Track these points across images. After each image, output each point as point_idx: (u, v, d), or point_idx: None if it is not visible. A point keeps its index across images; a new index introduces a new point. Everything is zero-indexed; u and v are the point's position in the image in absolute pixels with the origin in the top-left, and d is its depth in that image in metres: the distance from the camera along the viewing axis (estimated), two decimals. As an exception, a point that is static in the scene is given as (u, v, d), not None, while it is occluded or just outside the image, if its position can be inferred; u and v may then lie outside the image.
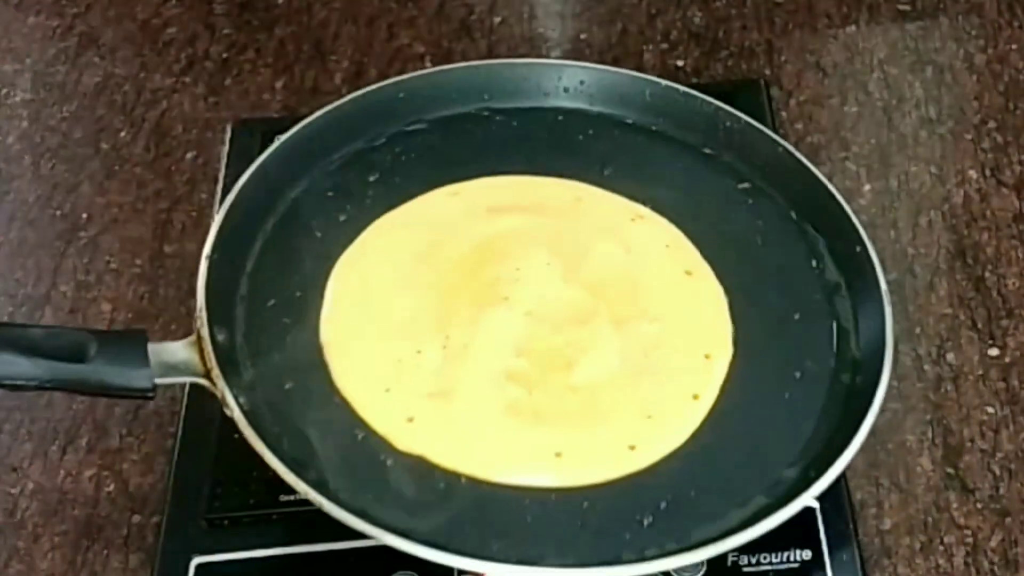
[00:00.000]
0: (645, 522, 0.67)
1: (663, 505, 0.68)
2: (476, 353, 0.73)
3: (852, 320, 0.75)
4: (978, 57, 1.01)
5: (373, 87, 0.86)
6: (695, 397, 0.72)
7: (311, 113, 0.88)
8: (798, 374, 0.73)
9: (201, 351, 0.69)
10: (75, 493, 0.81)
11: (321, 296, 0.76)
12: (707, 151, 0.84)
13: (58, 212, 0.97)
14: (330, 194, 0.81)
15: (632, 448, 0.70)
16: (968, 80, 0.99)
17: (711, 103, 0.84)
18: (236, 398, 0.68)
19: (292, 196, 0.81)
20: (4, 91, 1.05)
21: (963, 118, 0.97)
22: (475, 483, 0.68)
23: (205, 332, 0.70)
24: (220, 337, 0.71)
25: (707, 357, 0.74)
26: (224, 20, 1.09)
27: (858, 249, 0.76)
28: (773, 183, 0.81)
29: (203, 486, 0.76)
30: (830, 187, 0.79)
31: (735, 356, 0.74)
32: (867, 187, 0.93)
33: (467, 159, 0.84)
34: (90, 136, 1.02)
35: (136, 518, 0.79)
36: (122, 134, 1.01)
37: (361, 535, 0.64)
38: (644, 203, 0.81)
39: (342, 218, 0.80)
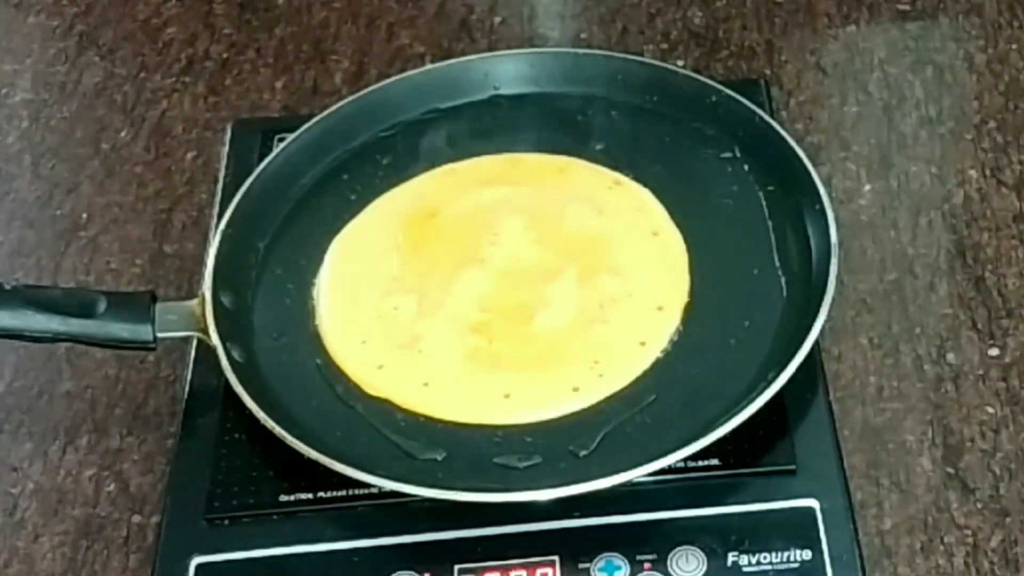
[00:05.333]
0: (581, 454, 0.73)
1: (600, 440, 0.74)
2: (447, 308, 0.80)
3: (804, 274, 0.79)
4: (978, 57, 1.00)
5: (390, 80, 0.93)
6: (642, 344, 0.78)
7: (311, 113, 0.91)
8: (747, 323, 0.78)
9: (203, 311, 0.78)
10: (75, 493, 0.81)
11: (321, 263, 0.84)
12: (695, 125, 0.89)
13: (58, 212, 0.97)
14: (344, 176, 0.89)
15: (576, 390, 0.76)
16: (968, 80, 0.99)
17: (697, 79, 0.91)
18: (229, 351, 0.76)
19: (309, 179, 0.89)
20: (4, 91, 1.05)
21: (963, 118, 0.97)
22: (431, 422, 0.75)
23: (209, 296, 0.78)
24: (226, 300, 0.80)
25: (660, 309, 0.80)
26: (224, 20, 1.09)
27: (816, 207, 0.81)
28: (751, 151, 0.86)
29: (203, 486, 0.76)
30: (798, 150, 0.84)
31: (688, 308, 0.80)
32: (867, 187, 0.93)
33: (470, 141, 0.91)
34: (90, 136, 1.02)
35: (136, 518, 0.79)
36: (122, 134, 1.01)
37: (362, 535, 0.64)
38: (625, 173, 0.87)
39: (352, 197, 0.88)
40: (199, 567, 0.73)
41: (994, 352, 0.84)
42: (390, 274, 0.83)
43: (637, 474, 0.70)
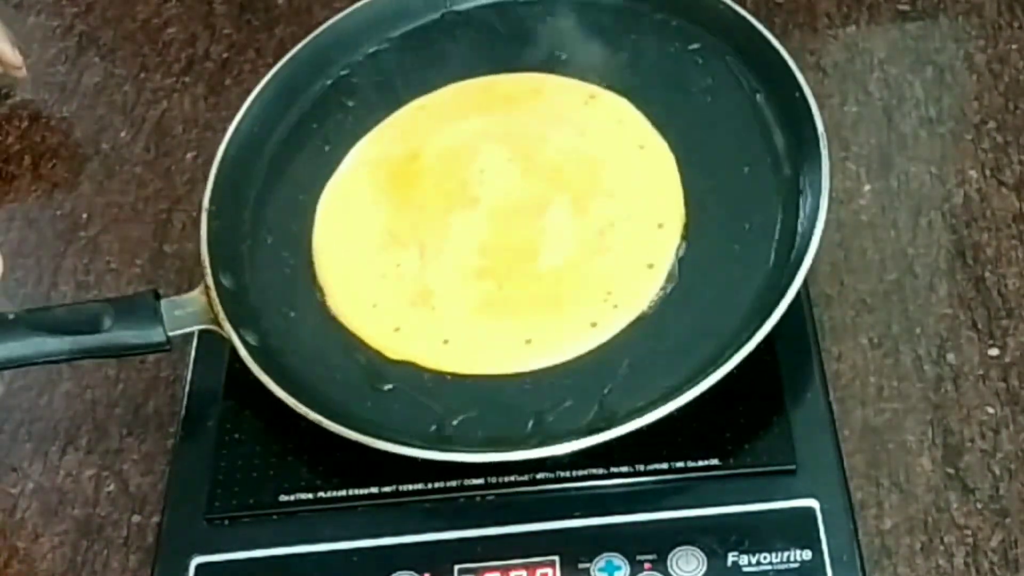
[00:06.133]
0: (607, 390, 0.73)
1: (622, 373, 0.73)
2: (448, 258, 0.79)
3: (794, 165, 0.79)
4: (978, 57, 1.00)
5: (336, 17, 0.91)
6: (650, 266, 0.78)
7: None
8: (747, 226, 0.78)
9: (209, 299, 0.77)
10: (75, 493, 0.81)
11: (313, 226, 0.82)
12: (658, 16, 0.87)
13: (58, 212, 0.97)
14: (314, 126, 0.87)
15: (594, 325, 0.76)
16: (968, 80, 0.99)
17: None
18: (243, 337, 0.75)
19: (277, 139, 0.87)
20: (4, 91, 1.05)
21: (963, 118, 0.96)
22: (458, 379, 0.75)
23: (210, 281, 0.77)
24: (226, 282, 0.78)
25: (660, 227, 0.79)
26: (224, 20, 1.09)
27: (796, 95, 0.80)
28: (720, 39, 0.85)
29: (203, 486, 0.76)
30: (769, 36, 0.83)
31: (688, 220, 0.79)
32: (867, 187, 0.93)
33: (433, 70, 0.89)
34: (90, 136, 1.02)
35: (136, 518, 0.79)
36: (122, 134, 1.01)
37: (362, 535, 0.65)
38: (598, 83, 0.86)
39: (326, 148, 0.86)
40: (199, 567, 0.73)
41: (994, 352, 0.83)
42: (383, 228, 0.82)
43: (677, 404, 0.69)
